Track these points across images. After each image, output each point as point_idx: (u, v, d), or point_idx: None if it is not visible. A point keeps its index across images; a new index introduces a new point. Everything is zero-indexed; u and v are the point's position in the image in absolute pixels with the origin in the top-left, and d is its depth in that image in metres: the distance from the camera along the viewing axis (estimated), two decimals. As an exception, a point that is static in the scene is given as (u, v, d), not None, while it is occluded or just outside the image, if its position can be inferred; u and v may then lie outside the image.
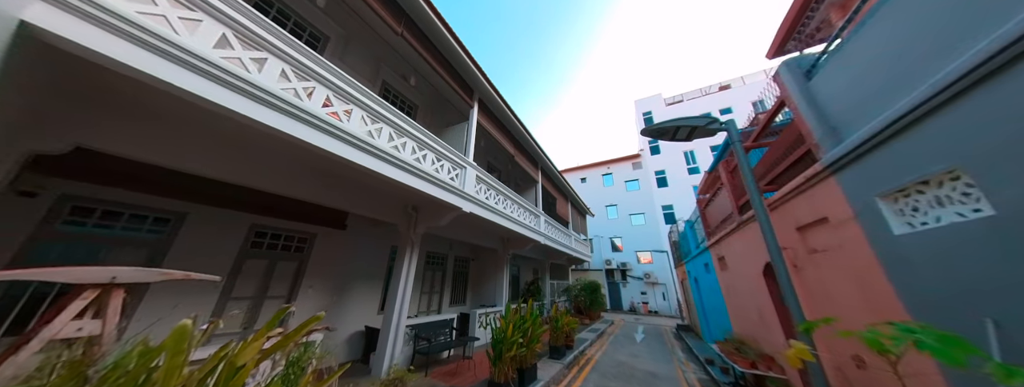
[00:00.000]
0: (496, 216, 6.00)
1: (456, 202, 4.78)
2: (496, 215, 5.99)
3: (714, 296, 5.99)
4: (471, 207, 5.07)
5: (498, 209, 5.97)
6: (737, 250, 4.07)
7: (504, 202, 6.73)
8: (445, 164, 4.74)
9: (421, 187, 4.12)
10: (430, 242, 7.61)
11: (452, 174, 4.88)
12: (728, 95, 19.58)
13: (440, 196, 4.48)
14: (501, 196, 6.55)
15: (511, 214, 6.79)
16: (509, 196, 6.86)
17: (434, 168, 4.49)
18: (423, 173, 4.13)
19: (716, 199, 5.13)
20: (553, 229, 10.18)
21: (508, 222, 6.57)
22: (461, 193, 4.86)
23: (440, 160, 4.65)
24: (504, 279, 8.43)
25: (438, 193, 4.46)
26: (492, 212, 5.81)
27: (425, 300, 7.35)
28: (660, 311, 17.42)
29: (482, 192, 5.74)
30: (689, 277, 9.11)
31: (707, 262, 6.08)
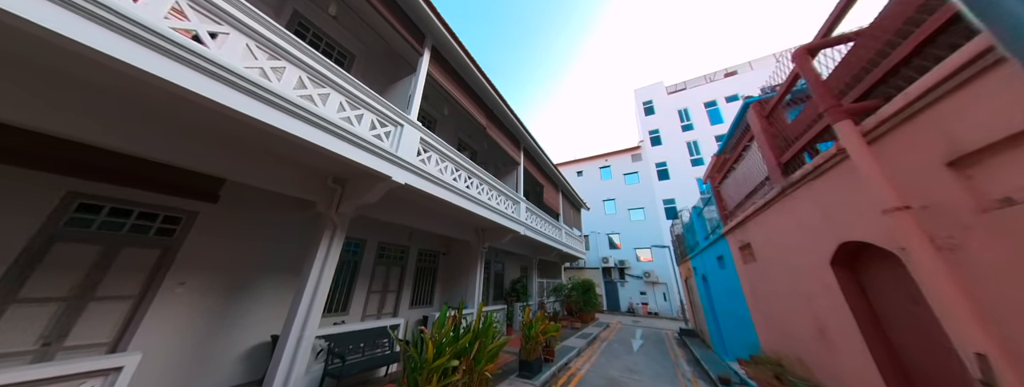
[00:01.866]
0: (450, 194, 4.70)
1: (383, 169, 3.48)
2: (450, 192, 4.69)
3: (731, 299, 4.68)
4: (406, 176, 3.77)
5: (451, 184, 4.67)
6: (776, 231, 2.76)
7: (470, 181, 5.44)
8: (365, 115, 3.44)
9: (329, 145, 2.88)
10: (384, 231, 6.32)
11: (379, 131, 3.59)
12: (734, 81, 18.23)
13: (361, 160, 3.21)
14: (463, 171, 5.25)
15: (477, 195, 5.49)
16: (475, 172, 5.56)
17: (345, 117, 3.20)
18: (329, 124, 2.86)
19: (738, 167, 3.82)
20: (539, 220, 8.88)
21: (471, 204, 5.27)
22: (391, 157, 3.57)
23: (357, 108, 3.36)
24: (477, 276, 7.13)
25: (358, 156, 3.19)
26: (443, 187, 4.51)
27: (376, 301, 6.06)
28: (661, 313, 16.12)
29: (431, 162, 4.44)
30: (695, 275, 7.80)
31: (721, 254, 4.77)
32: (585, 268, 19.04)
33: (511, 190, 7.13)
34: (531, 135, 8.32)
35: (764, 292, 3.32)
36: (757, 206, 3.06)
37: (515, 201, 7.36)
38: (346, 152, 3.11)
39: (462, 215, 5.94)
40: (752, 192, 3.41)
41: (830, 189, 2.01)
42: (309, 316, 3.46)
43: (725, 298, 5.09)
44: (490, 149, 9.40)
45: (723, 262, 4.89)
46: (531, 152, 8.94)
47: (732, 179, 4.11)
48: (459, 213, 5.75)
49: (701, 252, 6.40)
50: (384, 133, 3.66)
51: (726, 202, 4.48)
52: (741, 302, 4.21)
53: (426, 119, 7.35)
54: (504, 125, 7.32)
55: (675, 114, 19.66)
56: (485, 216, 5.86)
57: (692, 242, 7.98)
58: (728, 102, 17.94)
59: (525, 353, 4.76)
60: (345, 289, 5.47)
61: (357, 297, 5.59)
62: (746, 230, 3.55)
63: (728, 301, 4.91)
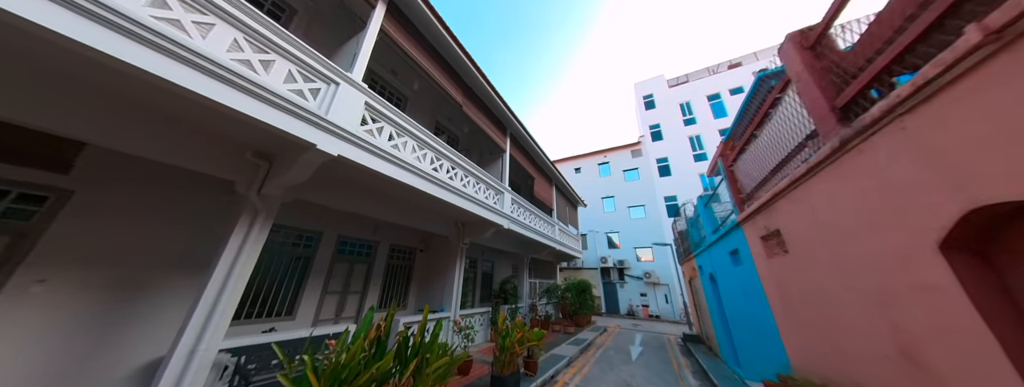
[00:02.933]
0: (411, 176, 3.91)
1: (305, 134, 2.71)
2: (411, 174, 3.90)
3: (748, 301, 3.86)
4: (339, 147, 2.99)
5: (412, 164, 3.88)
6: (826, 208, 1.94)
7: (438, 162, 4.65)
8: (278, 63, 2.66)
9: (217, 95, 2.14)
10: (346, 223, 5.53)
11: (301, 86, 2.81)
12: (739, 73, 17.44)
13: (268, 119, 2.45)
14: (430, 151, 4.47)
15: (449, 181, 4.70)
16: (446, 154, 4.78)
17: (243, 60, 2.42)
18: (215, 66, 2.10)
19: (760, 136, 3.02)
20: (528, 214, 8.08)
21: (441, 191, 4.49)
22: (318, 121, 2.79)
23: (265, 52, 2.58)
24: (456, 276, 6.34)
25: (264, 114, 2.43)
26: (401, 167, 3.73)
27: (334, 303, 5.26)
28: (663, 316, 15.25)
29: (382, 135, 3.65)
30: (701, 274, 6.97)
31: (736, 248, 3.96)
32: (583, 268, 18.21)
33: (494, 179, 6.34)
34: (519, 121, 7.54)
35: (800, 293, 2.50)
36: (792, 178, 2.26)
37: (499, 191, 6.57)
38: (244, 106, 2.33)
39: (435, 205, 5.16)
40: (782, 163, 2.61)
41: (948, 121, 1.22)
42: (211, 323, 2.68)
43: (739, 301, 4.27)
44: (473, 136, 8.64)
45: (737, 258, 4.07)
46: (519, 139, 8.15)
47: (751, 154, 3.31)
48: (431, 203, 4.97)
49: (709, 248, 5.58)
50: (309, 90, 2.87)
51: (742, 184, 3.68)
52: (762, 306, 3.40)
53: (394, 96, 6.57)
54: (486, 105, 6.54)
55: (677, 108, 18.87)
56: (461, 206, 5.07)
57: (697, 238, 7.16)
58: (732, 95, 17.15)
59: (498, 367, 3.95)
60: (292, 289, 4.67)
61: (308, 298, 4.79)
62: (773, 214, 2.74)
63: (743, 304, 4.09)
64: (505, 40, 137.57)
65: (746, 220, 3.42)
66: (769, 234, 2.88)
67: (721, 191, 5.68)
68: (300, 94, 2.80)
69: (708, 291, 6.37)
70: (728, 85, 17.44)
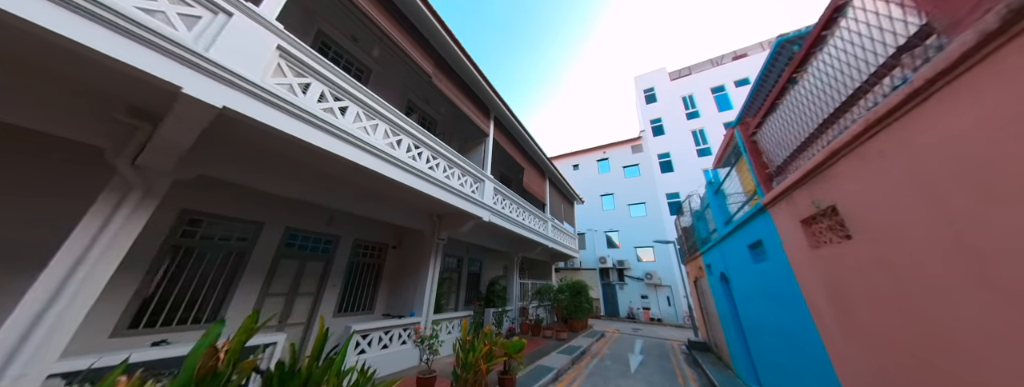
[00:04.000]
0: (356, 151, 3.13)
1: (171, 74, 1.93)
2: (354, 147, 3.11)
3: (773, 306, 3.05)
4: (232, 97, 2.21)
5: (354, 135, 3.08)
6: (953, 152, 1.14)
7: (395, 137, 3.88)
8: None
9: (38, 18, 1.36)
10: (295, 213, 4.75)
11: (167, 8, 2.04)
12: (745, 64, 16.63)
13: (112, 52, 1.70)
14: (383, 123, 3.69)
15: (410, 160, 3.91)
16: (407, 128, 4.00)
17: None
18: None
19: (797, 85, 2.22)
20: (515, 207, 7.29)
21: (400, 172, 3.71)
22: (190, 56, 2.01)
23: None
24: (429, 276, 5.55)
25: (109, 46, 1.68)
26: (336, 136, 2.94)
27: (277, 306, 4.47)
28: (665, 319, 14.37)
29: (308, 93, 2.87)
30: (708, 273, 6.14)
31: (759, 239, 3.14)
32: (581, 269, 17.36)
33: (473, 165, 5.56)
34: (505, 103, 6.77)
35: (873, 296, 1.69)
36: (866, 122, 1.46)
37: (478, 179, 5.79)
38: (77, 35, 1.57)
39: (402, 193, 4.40)
40: (841, 110, 1.80)
41: None
42: (32, 339, 1.91)
43: (760, 304, 3.45)
44: (456, 122, 7.88)
45: (760, 252, 3.26)
46: (505, 124, 7.37)
47: (782, 115, 2.50)
48: (396, 190, 4.22)
49: (719, 243, 4.76)
50: (177, 14, 2.09)
51: (768, 156, 2.87)
52: (794, 312, 2.59)
53: (353, 66, 5.80)
54: (462, 81, 5.76)
55: (679, 101, 18.08)
56: (429, 194, 4.31)
57: (704, 233, 6.33)
58: (738, 86, 16.34)
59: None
60: (220, 290, 3.89)
61: (241, 301, 4.00)
62: (824, 184, 1.93)
63: (766, 309, 3.27)
64: (506, 45, 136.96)
65: (775, 201, 2.61)
66: (816, 215, 2.07)
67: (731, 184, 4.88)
68: (161, 18, 2.02)
69: (718, 293, 5.54)
70: (733, 77, 16.63)
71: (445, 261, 8.37)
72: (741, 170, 5.18)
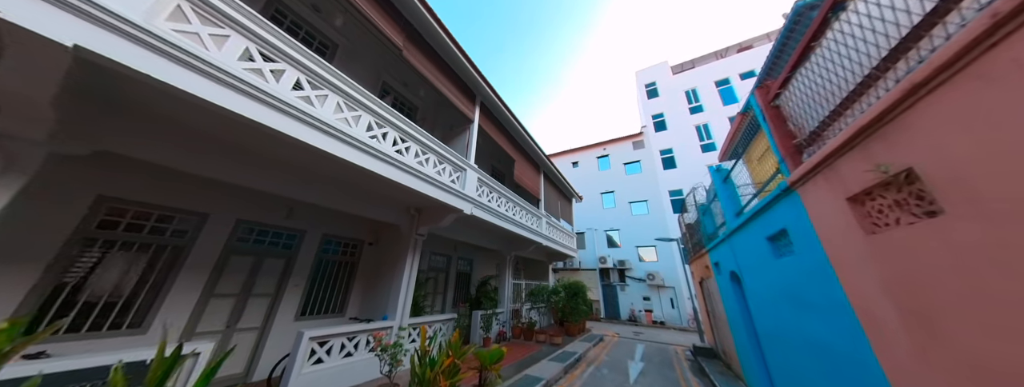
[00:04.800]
0: (282, 118, 2.58)
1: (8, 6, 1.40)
2: (279, 113, 2.57)
3: (803, 312, 2.46)
4: (88, 34, 1.67)
5: (282, 98, 2.53)
6: None
7: (351, 113, 3.34)
8: None
9: None
10: (247, 205, 4.22)
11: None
12: (750, 56, 15.97)
13: None
14: (336, 94, 3.15)
15: (359, 135, 3.37)
16: (365, 102, 3.46)
17: None
18: None
19: (835, 32, 1.64)
20: (503, 200, 6.73)
21: (358, 154, 3.16)
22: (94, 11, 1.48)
23: None
24: (405, 274, 5.01)
25: None
26: (253, 98, 2.39)
27: (224, 309, 3.94)
28: (668, 322, 13.72)
29: (223, 48, 2.34)
30: (717, 273, 5.54)
31: (783, 228, 2.55)
32: (580, 269, 16.75)
33: (451, 151, 5.02)
34: (492, 87, 6.23)
35: (983, 302, 1.10)
36: (998, 14, 0.88)
37: (460, 168, 5.24)
38: None
39: (366, 182, 3.87)
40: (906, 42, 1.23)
41: None
42: None
43: (782, 309, 2.86)
44: (440, 109, 7.34)
45: (784, 243, 2.67)
46: (493, 111, 6.82)
47: (827, 53, 1.91)
48: (358, 178, 3.69)
49: (730, 237, 4.16)
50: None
51: (796, 122, 2.29)
52: (836, 320, 2.00)
53: (315, 39, 5.28)
54: (440, 58, 5.22)
55: (681, 96, 17.46)
56: (400, 182, 3.80)
57: (711, 228, 5.73)
58: (743, 79, 15.69)
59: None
60: (150, 289, 3.36)
61: (175, 303, 3.47)
62: (893, 140, 1.35)
63: (790, 314, 2.68)
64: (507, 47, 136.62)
65: (807, 178, 2.03)
66: (877, 186, 1.49)
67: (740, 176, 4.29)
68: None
69: (727, 294, 4.94)
70: (738, 69, 15.98)
71: (432, 260, 7.83)
72: (750, 160, 4.59)
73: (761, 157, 4.31)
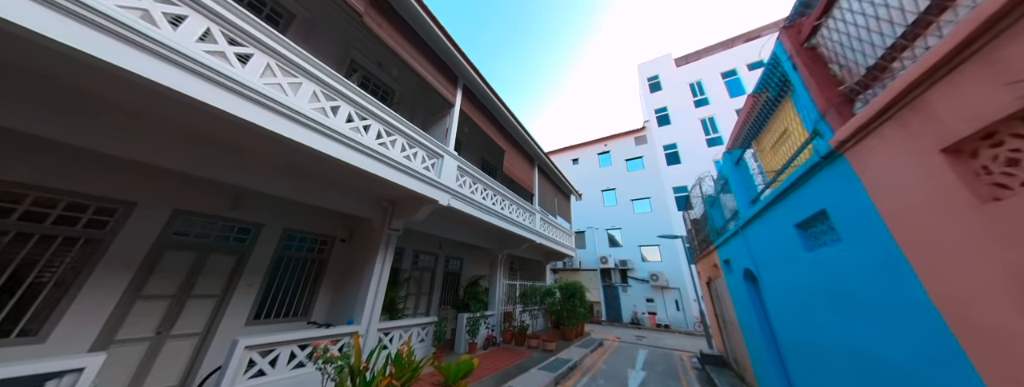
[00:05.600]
0: (206, 86, 2.03)
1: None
2: (225, 91, 2.02)
3: (857, 318, 1.85)
4: None
5: (164, 42, 1.98)
6: None
7: (292, 79, 2.81)
8: None
9: None
10: (189, 190, 3.71)
11: None
12: (758, 45, 15.23)
13: None
14: (264, 54, 2.62)
15: (302, 106, 2.82)
16: (304, 65, 2.92)
17: None
18: None
19: None
20: (492, 193, 6.17)
21: (276, 119, 2.62)
22: None
23: None
24: (374, 273, 4.48)
25: None
26: (121, 40, 1.85)
27: (156, 312, 3.42)
28: (673, 325, 13.01)
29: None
30: (726, 272, 4.91)
31: (823, 208, 1.94)
32: (580, 269, 16.10)
33: (427, 136, 4.47)
34: (477, 70, 5.69)
35: None
36: None
37: (435, 154, 4.69)
38: None
39: (323, 167, 3.36)
40: None
41: None
42: None
43: (819, 313, 2.24)
44: (421, 95, 6.80)
45: (822, 230, 2.06)
46: (478, 96, 6.27)
47: None
48: (310, 161, 3.17)
49: (743, 229, 3.54)
50: None
51: (840, 59, 1.68)
52: (911, 329, 1.40)
53: (265, 8, 4.76)
54: (415, 31, 4.68)
55: (686, 88, 16.77)
56: (359, 167, 3.30)
57: (720, 222, 5.10)
58: (751, 70, 14.97)
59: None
60: (53, 290, 2.85)
61: (85, 306, 2.95)
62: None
63: (829, 320, 2.07)
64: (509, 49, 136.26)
65: (869, 129, 1.43)
66: (1010, 121, 0.90)
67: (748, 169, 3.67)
68: None
69: (739, 296, 4.31)
70: (746, 59, 15.27)
71: (416, 258, 7.28)
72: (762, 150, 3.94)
73: (775, 145, 3.70)
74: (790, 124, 3.34)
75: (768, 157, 4.02)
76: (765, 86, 3.31)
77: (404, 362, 2.44)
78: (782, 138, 3.78)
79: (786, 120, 3.43)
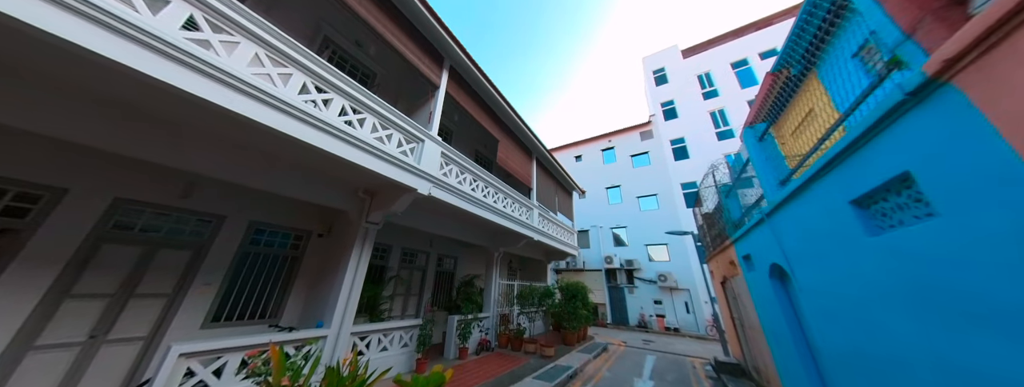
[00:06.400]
0: (65, 17, 1.59)
1: None
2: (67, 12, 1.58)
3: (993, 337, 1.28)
4: None
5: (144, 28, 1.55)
6: None
7: (222, 36, 2.36)
8: None
9: None
10: (131, 174, 3.30)
11: None
12: (771, 33, 14.48)
13: None
14: (203, 11, 2.17)
15: (242, 73, 2.37)
16: (247, 25, 2.47)
17: None
18: None
19: None
20: (482, 184, 5.68)
21: (208, 85, 2.16)
22: None
23: None
24: (348, 272, 4.03)
25: None
26: None
27: (90, 315, 3.00)
28: (683, 328, 12.29)
29: None
30: (744, 269, 4.32)
31: (907, 170, 1.38)
32: (584, 270, 15.48)
33: (404, 117, 4.02)
34: (466, 52, 5.23)
35: None
36: None
37: (414, 138, 4.22)
38: None
39: (286, 150, 2.94)
40: None
41: None
42: None
43: (889, 317, 1.68)
44: (403, 77, 6.34)
45: (901, 203, 1.50)
46: (469, 79, 5.80)
47: None
48: (258, 138, 2.74)
49: (773, 213, 2.96)
50: None
51: None
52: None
53: None
54: (392, 3, 4.22)
55: (694, 80, 16.07)
56: (316, 145, 2.85)
57: (738, 213, 4.52)
58: (763, 59, 14.21)
59: None
60: (-44, 288, 2.45)
61: (-1, 306, 2.55)
62: None
63: (905, 327, 1.52)
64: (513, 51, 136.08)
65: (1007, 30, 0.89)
66: None
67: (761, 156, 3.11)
68: None
69: (764, 296, 3.71)
70: (758, 48, 14.51)
71: (403, 256, 6.81)
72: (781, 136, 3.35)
73: (798, 129, 3.14)
74: (817, 103, 2.81)
75: (789, 143, 3.45)
76: (787, 60, 2.77)
77: (340, 377, 1.95)
78: (807, 120, 3.22)
79: (812, 99, 2.91)
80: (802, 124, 3.10)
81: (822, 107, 2.62)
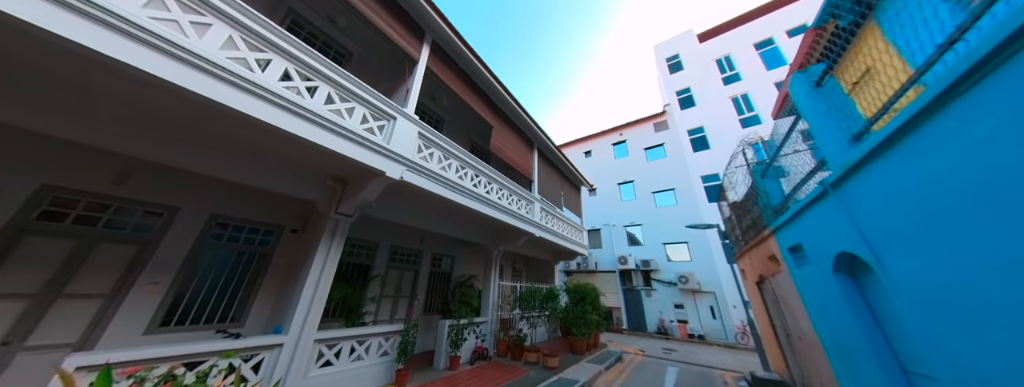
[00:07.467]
0: None
1: None
2: None
3: None
4: None
5: None
6: None
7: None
8: None
9: None
10: (64, 159, 2.92)
11: None
12: (799, 7, 13.13)
13: None
14: None
15: (135, 17, 1.87)
16: None
17: None
18: None
19: None
20: (473, 173, 5.07)
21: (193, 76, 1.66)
22: None
23: None
24: (314, 270, 3.52)
25: None
26: None
27: (15, 316, 2.60)
28: (709, 336, 11.13)
29: None
30: (793, 264, 3.45)
31: None
32: (597, 271, 14.55)
33: (370, 89, 3.48)
34: (449, 23, 4.68)
35: None
36: None
37: (383, 114, 3.67)
38: None
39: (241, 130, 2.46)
40: None
41: None
42: None
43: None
44: (383, 58, 5.82)
45: None
46: (452, 53, 5.23)
47: None
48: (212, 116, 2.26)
49: (843, 181, 2.16)
50: None
51: None
52: None
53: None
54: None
55: (712, 65, 14.92)
56: (264, 120, 2.39)
57: (779, 197, 3.68)
58: (791, 37, 12.91)
59: None
60: None
61: None
62: None
63: None
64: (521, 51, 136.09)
65: None
66: None
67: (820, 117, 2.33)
68: None
69: (826, 296, 2.86)
70: (785, 25, 13.23)
71: (392, 255, 6.29)
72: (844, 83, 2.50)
73: (864, 77, 2.35)
74: (876, 61, 2.07)
75: (855, 95, 2.63)
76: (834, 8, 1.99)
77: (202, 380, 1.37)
78: (864, 80, 2.43)
79: (870, 56, 2.17)
80: (871, 71, 2.30)
81: (884, 66, 1.87)
